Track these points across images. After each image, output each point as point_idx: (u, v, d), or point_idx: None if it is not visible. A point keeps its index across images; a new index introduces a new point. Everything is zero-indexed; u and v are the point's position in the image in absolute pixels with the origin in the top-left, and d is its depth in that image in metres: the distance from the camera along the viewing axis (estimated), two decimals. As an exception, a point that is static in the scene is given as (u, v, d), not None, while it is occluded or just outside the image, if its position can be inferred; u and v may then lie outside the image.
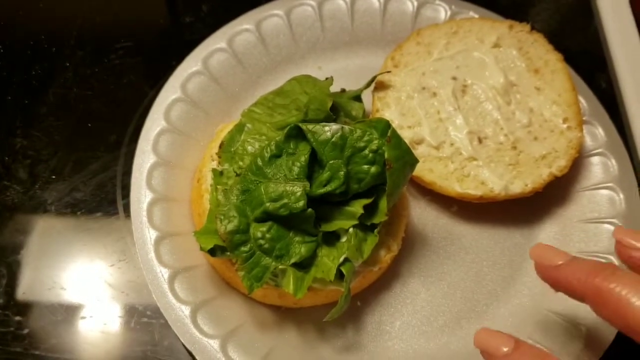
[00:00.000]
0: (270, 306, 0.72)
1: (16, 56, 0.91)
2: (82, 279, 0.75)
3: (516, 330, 0.72)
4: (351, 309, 0.73)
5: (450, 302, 0.75)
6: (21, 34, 0.93)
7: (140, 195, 0.74)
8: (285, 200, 0.63)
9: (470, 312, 0.74)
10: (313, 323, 0.72)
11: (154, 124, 0.78)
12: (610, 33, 0.98)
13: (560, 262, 0.58)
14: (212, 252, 0.65)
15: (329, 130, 0.65)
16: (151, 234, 0.71)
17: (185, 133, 0.79)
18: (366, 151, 0.65)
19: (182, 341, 0.66)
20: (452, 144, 0.78)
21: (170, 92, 0.81)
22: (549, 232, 0.79)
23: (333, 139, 0.65)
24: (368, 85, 0.81)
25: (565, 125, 0.78)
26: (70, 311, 0.73)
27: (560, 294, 0.73)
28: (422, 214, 0.80)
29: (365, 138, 0.65)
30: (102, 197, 0.80)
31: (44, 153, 0.83)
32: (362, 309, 0.74)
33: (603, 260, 0.74)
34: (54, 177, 0.81)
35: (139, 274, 0.74)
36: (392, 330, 0.73)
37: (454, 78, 0.82)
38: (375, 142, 0.65)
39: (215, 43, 0.85)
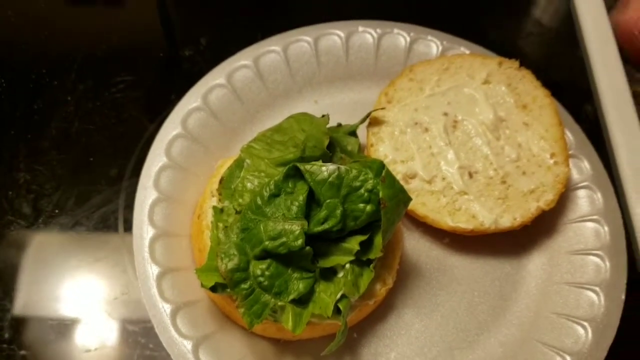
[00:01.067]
0: (269, 339, 0.74)
1: (18, 90, 0.93)
2: (86, 314, 0.77)
3: (505, 359, 0.75)
4: (348, 341, 0.75)
5: (443, 332, 0.77)
6: (23, 68, 0.95)
7: (143, 231, 0.76)
8: (284, 239, 0.66)
9: (462, 342, 0.77)
10: (311, 355, 0.74)
11: (155, 159, 0.80)
12: (595, 64, 1.01)
13: None
14: (214, 289, 0.67)
15: (326, 170, 0.68)
16: (153, 270, 0.73)
17: (185, 168, 0.82)
18: (362, 190, 0.68)
19: (185, 376, 0.68)
20: (443, 178, 0.81)
21: (171, 127, 0.83)
22: (537, 264, 0.82)
23: (330, 179, 0.68)
24: (363, 120, 0.83)
25: (552, 161, 0.81)
26: (73, 347, 0.75)
27: (548, 324, 0.76)
28: (416, 246, 0.83)
29: (361, 178, 0.68)
30: (104, 230, 0.82)
31: (47, 187, 0.85)
32: (359, 340, 0.76)
33: (589, 292, 0.77)
34: (57, 211, 0.83)
35: (142, 308, 0.76)
36: (388, 361, 0.75)
37: (445, 114, 0.85)
38: (371, 181, 0.68)
39: (215, 79, 0.87)
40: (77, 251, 0.81)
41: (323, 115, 0.80)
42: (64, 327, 0.76)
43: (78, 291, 0.78)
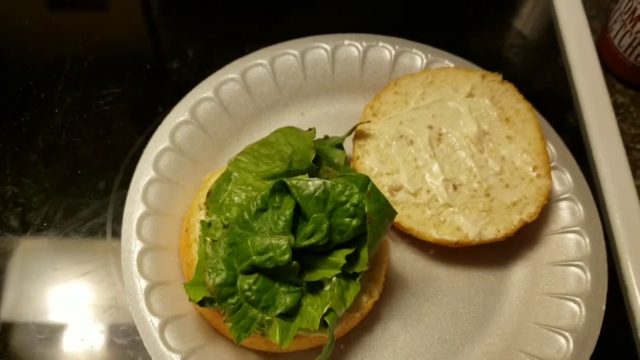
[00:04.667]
0: (257, 351, 0.75)
1: (5, 103, 0.93)
2: (74, 328, 0.77)
3: (490, 370, 0.76)
4: (335, 353, 0.76)
5: (428, 343, 0.79)
6: (10, 80, 0.95)
7: (131, 245, 0.76)
8: (271, 254, 0.66)
9: (447, 352, 0.78)
10: (299, 367, 0.75)
11: (143, 173, 0.81)
12: (577, 76, 1.03)
13: None
14: (202, 303, 0.68)
15: (312, 185, 0.69)
16: (141, 283, 0.74)
17: (173, 181, 0.82)
18: (347, 205, 0.69)
19: (174, 389, 0.69)
20: (428, 191, 0.82)
21: (159, 141, 0.84)
22: (520, 275, 0.83)
23: (316, 194, 0.69)
24: (349, 133, 0.84)
25: (534, 174, 0.83)
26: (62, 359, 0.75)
27: (531, 335, 0.78)
28: (401, 257, 0.84)
29: (347, 193, 0.69)
30: (93, 243, 0.83)
31: (34, 200, 0.85)
32: (345, 352, 0.77)
33: (570, 303, 0.78)
34: (45, 224, 0.83)
35: (130, 321, 0.77)
36: (374, 372, 0.76)
37: (430, 127, 0.86)
38: (356, 196, 0.69)
39: (202, 92, 0.88)
40: (65, 264, 0.81)
41: (310, 129, 0.81)
42: (52, 340, 0.76)
43: (66, 304, 0.78)
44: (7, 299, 0.78)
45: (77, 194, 0.86)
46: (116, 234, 0.82)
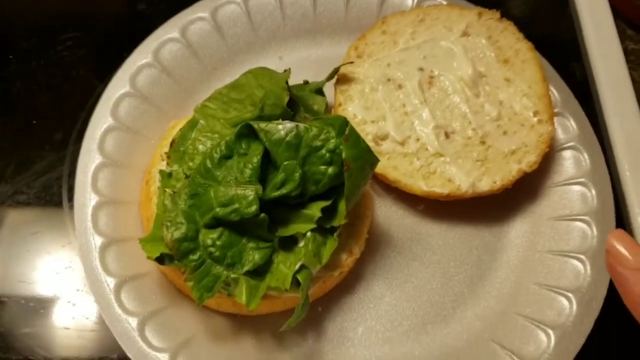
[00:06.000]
0: (225, 314, 0.68)
1: (-45, 48, 0.85)
2: (26, 289, 0.71)
3: (484, 333, 0.69)
4: (312, 315, 0.70)
5: (415, 305, 0.72)
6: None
7: (85, 198, 0.69)
8: (237, 205, 0.60)
9: (437, 316, 0.71)
10: (271, 331, 0.68)
11: (100, 121, 0.74)
12: (585, 20, 0.94)
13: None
14: (160, 260, 0.61)
15: (283, 128, 0.61)
16: (96, 241, 0.67)
17: (134, 130, 0.75)
18: (323, 151, 0.62)
19: (129, 356, 0.62)
20: (417, 139, 0.74)
21: (118, 86, 0.76)
22: (519, 230, 0.76)
23: (287, 138, 0.62)
24: (330, 77, 0.77)
25: (535, 119, 0.75)
26: (13, 323, 0.69)
27: (530, 296, 0.71)
28: (388, 213, 0.76)
29: (322, 137, 0.62)
30: (47, 199, 0.76)
31: (-16, 153, 0.78)
32: (324, 314, 0.70)
33: (574, 261, 0.71)
34: (-5, 178, 0.76)
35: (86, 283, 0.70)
36: (355, 336, 0.70)
37: (421, 69, 0.78)
38: (332, 141, 0.61)
39: (167, 33, 0.80)
40: (16, 222, 0.74)
41: (285, 71, 0.73)
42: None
43: (16, 266, 0.72)
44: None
45: (31, 146, 0.79)
46: (73, 189, 0.74)
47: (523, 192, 0.76)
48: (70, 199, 0.75)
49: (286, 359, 0.67)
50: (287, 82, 0.70)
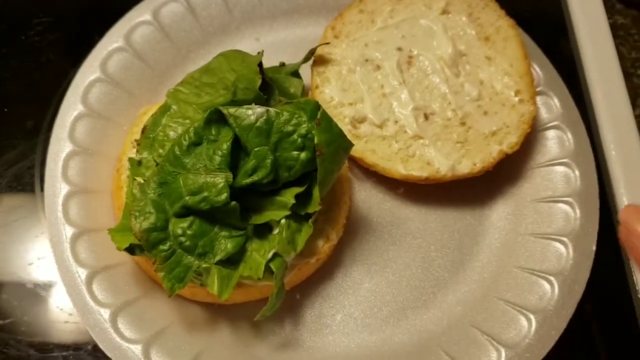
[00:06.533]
0: (201, 303, 0.67)
1: None
2: (-2, 281, 0.69)
3: (464, 319, 0.68)
4: (290, 303, 0.68)
5: (395, 291, 0.70)
6: None
7: (55, 188, 0.68)
8: (206, 194, 0.58)
9: (417, 301, 0.70)
10: (248, 320, 0.67)
11: (70, 108, 0.72)
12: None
13: None
14: (130, 250, 0.60)
15: (253, 114, 0.60)
16: (67, 231, 0.66)
17: (105, 117, 0.73)
18: (294, 136, 0.60)
19: (101, 347, 0.61)
20: (396, 122, 0.73)
21: (88, 72, 0.74)
22: (501, 213, 0.74)
23: (257, 124, 0.60)
24: (306, 59, 0.75)
25: (517, 99, 0.73)
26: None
27: (511, 280, 0.69)
28: (367, 197, 0.75)
29: (293, 122, 0.60)
30: (19, 189, 0.74)
31: (-46, 142, 0.76)
32: (301, 301, 0.69)
33: (556, 244, 0.69)
34: (-35, 168, 0.75)
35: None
36: (333, 323, 0.69)
37: (399, 49, 0.76)
38: (304, 125, 0.60)
39: (139, 16, 0.78)
40: (-13, 212, 0.73)
41: (259, 53, 0.70)
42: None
43: (-13, 257, 0.70)
44: None
45: (2, 135, 0.78)
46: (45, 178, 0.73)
47: (505, 173, 0.75)
48: (42, 188, 0.73)
49: (262, 348, 0.66)
50: (260, 65, 0.68)
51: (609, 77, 0.84)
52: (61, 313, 0.68)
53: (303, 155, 0.60)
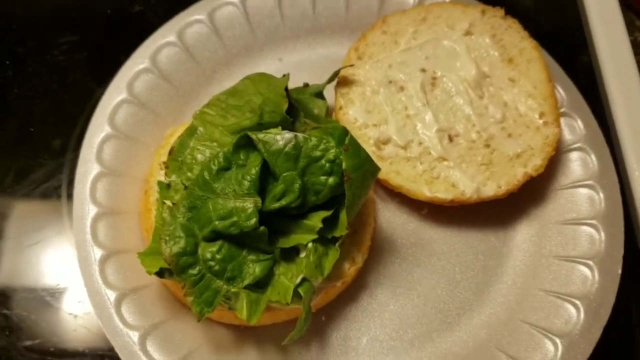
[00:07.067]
0: (228, 325, 0.68)
1: (-50, 54, 0.84)
2: (26, 302, 0.70)
3: (489, 342, 0.68)
4: (315, 325, 0.69)
5: (420, 313, 0.71)
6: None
7: (84, 210, 0.68)
8: (235, 218, 0.59)
9: (442, 323, 0.70)
10: (274, 342, 0.67)
11: (97, 129, 0.73)
12: (591, 10, 0.91)
13: None
14: (160, 274, 0.61)
15: (282, 139, 0.60)
16: (96, 253, 0.66)
17: (132, 138, 0.73)
18: (322, 161, 0.60)
19: (131, 370, 0.62)
20: (420, 143, 0.73)
21: (115, 93, 0.75)
22: (525, 235, 0.74)
23: (286, 149, 0.60)
24: (330, 80, 0.75)
25: (541, 121, 0.73)
26: (15, 336, 0.68)
27: (536, 303, 0.69)
28: (391, 218, 0.75)
29: (321, 147, 0.60)
30: (46, 209, 0.75)
31: (-18, 162, 0.77)
32: (327, 324, 0.69)
33: (581, 267, 0.69)
34: (-7, 188, 0.76)
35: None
36: (359, 346, 0.69)
37: (423, 70, 0.76)
38: (332, 151, 0.60)
39: (164, 37, 0.78)
40: (16, 232, 0.73)
41: (284, 75, 0.71)
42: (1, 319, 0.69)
43: (15, 276, 0.71)
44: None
45: (29, 154, 0.78)
46: (72, 198, 0.74)
47: (529, 195, 0.75)
48: (70, 208, 0.74)
49: (290, 370, 0.67)
50: (286, 88, 0.68)
51: (630, 94, 0.84)
52: (89, 334, 0.69)
53: (331, 180, 0.60)
